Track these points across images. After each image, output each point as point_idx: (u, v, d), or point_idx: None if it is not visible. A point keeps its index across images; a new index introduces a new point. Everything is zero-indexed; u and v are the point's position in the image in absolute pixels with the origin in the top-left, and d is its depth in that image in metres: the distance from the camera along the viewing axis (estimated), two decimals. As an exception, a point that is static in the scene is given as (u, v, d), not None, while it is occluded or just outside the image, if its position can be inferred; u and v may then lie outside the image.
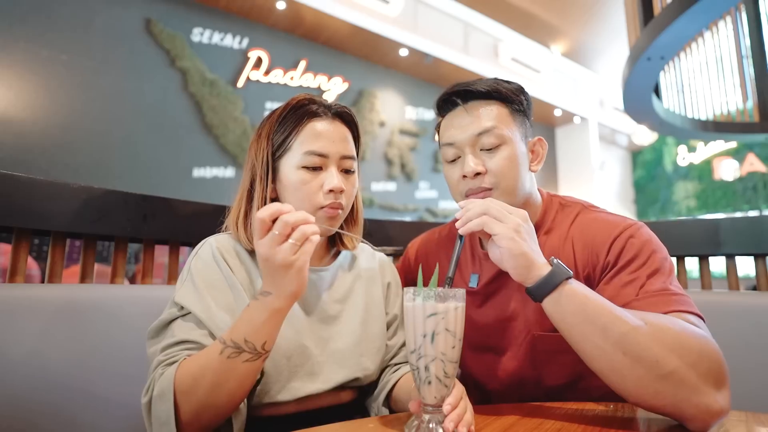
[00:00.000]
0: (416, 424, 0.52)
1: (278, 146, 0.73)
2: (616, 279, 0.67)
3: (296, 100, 0.74)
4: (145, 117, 4.36)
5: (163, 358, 0.61)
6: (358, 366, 0.74)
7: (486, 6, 6.80)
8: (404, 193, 6.37)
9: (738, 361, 0.98)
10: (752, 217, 1.17)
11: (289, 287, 0.56)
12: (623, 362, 0.53)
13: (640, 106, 5.13)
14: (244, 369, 0.57)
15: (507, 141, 0.75)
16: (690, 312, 0.60)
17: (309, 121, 0.72)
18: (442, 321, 0.50)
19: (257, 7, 4.96)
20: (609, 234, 0.71)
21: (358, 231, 0.83)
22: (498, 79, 0.79)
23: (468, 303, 0.81)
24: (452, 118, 0.79)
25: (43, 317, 0.78)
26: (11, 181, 0.86)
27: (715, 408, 0.52)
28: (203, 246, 0.72)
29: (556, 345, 0.68)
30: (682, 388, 0.52)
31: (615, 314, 0.55)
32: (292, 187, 0.71)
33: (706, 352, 0.54)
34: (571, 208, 0.80)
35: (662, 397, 0.52)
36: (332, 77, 5.71)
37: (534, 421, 0.58)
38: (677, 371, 0.51)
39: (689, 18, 3.77)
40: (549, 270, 0.59)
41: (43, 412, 0.75)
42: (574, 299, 0.57)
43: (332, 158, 0.72)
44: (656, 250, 0.68)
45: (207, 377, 0.57)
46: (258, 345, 0.57)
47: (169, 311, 0.67)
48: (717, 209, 8.94)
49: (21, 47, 3.77)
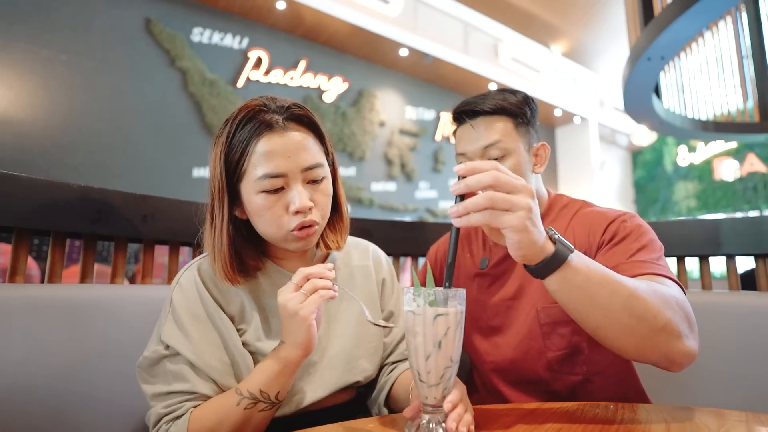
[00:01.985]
0: (416, 424, 0.52)
1: (233, 171, 0.66)
2: (610, 252, 0.74)
3: (242, 114, 0.66)
4: (145, 117, 4.36)
5: (164, 411, 0.61)
6: (357, 369, 0.74)
7: (486, 6, 6.80)
8: (404, 193, 6.37)
9: (738, 361, 0.98)
10: (752, 218, 1.17)
11: (297, 337, 0.59)
12: (629, 322, 0.58)
13: (640, 106, 5.13)
14: (260, 417, 0.61)
15: (511, 152, 0.83)
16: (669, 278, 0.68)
17: (258, 139, 0.64)
18: (443, 323, 0.50)
19: (257, 7, 4.96)
20: (604, 220, 0.79)
21: (345, 229, 0.79)
22: (505, 94, 0.86)
23: (478, 285, 0.91)
24: (463, 132, 0.88)
25: (43, 317, 0.78)
26: (11, 181, 0.86)
27: (692, 350, 0.60)
28: (183, 275, 0.70)
29: (557, 316, 0.79)
30: (672, 337, 0.59)
31: (616, 280, 0.59)
32: (256, 214, 0.66)
33: (683, 305, 0.62)
34: (573, 205, 0.88)
35: (658, 348, 0.59)
36: (332, 77, 5.71)
37: (534, 422, 0.58)
38: (669, 323, 0.58)
39: (689, 18, 3.77)
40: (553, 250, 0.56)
41: (43, 412, 0.75)
42: (579, 272, 0.57)
43: (292, 175, 0.65)
44: (646, 233, 0.76)
45: (224, 428, 0.59)
46: (272, 395, 0.60)
47: (155, 348, 0.65)
48: (717, 209, 8.94)
49: (21, 47, 3.77)
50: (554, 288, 0.58)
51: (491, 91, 0.89)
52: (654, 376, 0.97)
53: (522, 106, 0.85)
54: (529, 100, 0.88)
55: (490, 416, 0.61)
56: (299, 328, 0.58)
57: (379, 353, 0.78)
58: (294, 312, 0.58)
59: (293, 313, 0.58)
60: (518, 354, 0.84)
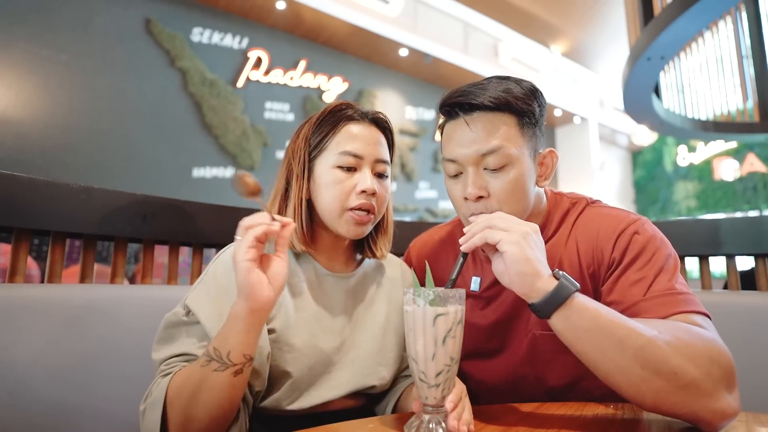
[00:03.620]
0: (416, 424, 0.52)
1: (315, 146, 0.74)
2: (623, 278, 0.66)
3: (334, 105, 0.76)
4: (145, 117, 4.36)
5: (164, 368, 0.62)
6: (375, 375, 0.74)
7: (486, 6, 6.80)
8: (404, 193, 6.37)
9: (738, 361, 0.97)
10: (752, 218, 1.17)
11: (239, 284, 0.55)
12: (642, 375, 0.52)
13: (640, 106, 5.14)
14: (214, 380, 0.56)
15: (514, 161, 0.68)
16: (697, 312, 0.60)
17: (346, 124, 0.74)
18: (443, 323, 0.50)
19: (257, 7, 4.95)
20: (613, 230, 0.69)
21: (388, 239, 0.82)
22: (509, 84, 0.69)
23: (469, 306, 0.80)
24: (454, 130, 0.70)
25: (43, 317, 0.78)
26: (11, 181, 0.86)
27: (729, 411, 0.53)
28: (227, 250, 0.71)
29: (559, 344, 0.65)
30: (699, 396, 0.52)
31: (629, 327, 0.53)
32: (325, 186, 0.72)
33: (718, 358, 0.54)
34: (576, 206, 0.78)
35: (681, 406, 0.53)
36: (332, 77, 5.71)
37: (534, 422, 0.58)
38: (695, 381, 0.51)
39: (689, 18, 3.77)
40: (555, 284, 0.54)
41: (43, 412, 0.75)
42: (585, 314, 0.54)
43: (367, 160, 0.72)
44: (660, 246, 0.67)
45: (187, 387, 0.57)
46: (223, 354, 0.56)
47: (175, 310, 0.66)
48: (717, 209, 8.94)
49: (21, 47, 3.76)
50: (559, 328, 0.55)
51: (490, 77, 0.71)
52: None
53: (529, 100, 0.69)
54: (537, 92, 0.71)
55: (490, 416, 0.61)
56: (239, 275, 0.55)
57: (398, 364, 0.79)
58: (234, 260, 0.55)
59: (234, 262, 0.55)
60: (514, 381, 0.77)
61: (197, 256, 1.10)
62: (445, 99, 0.72)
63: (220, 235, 1.09)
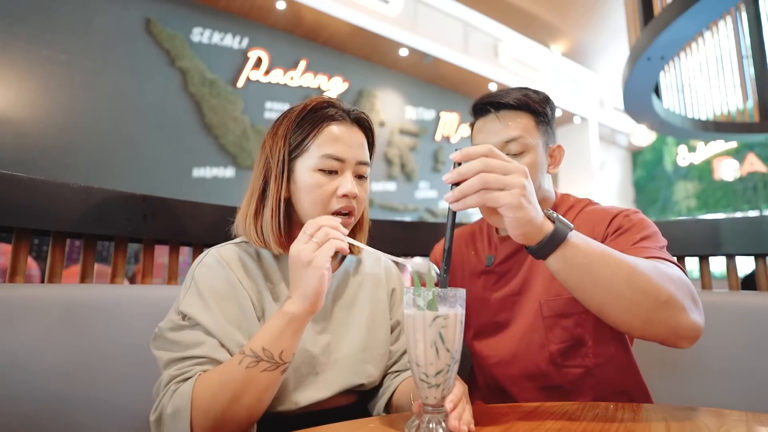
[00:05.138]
0: (416, 424, 0.52)
1: (295, 147, 0.72)
2: (614, 242, 0.76)
3: (315, 102, 0.74)
4: (145, 117, 4.36)
5: (176, 374, 0.59)
6: (362, 373, 0.74)
7: (486, 6, 6.80)
8: (404, 193, 6.37)
9: (738, 361, 0.98)
10: (752, 217, 1.17)
11: (308, 288, 0.57)
12: (633, 296, 0.59)
13: (640, 106, 5.13)
14: (262, 380, 0.57)
15: (530, 149, 0.84)
16: (671, 262, 0.70)
17: (328, 125, 0.72)
18: (443, 323, 0.50)
19: (257, 7, 4.96)
20: (608, 214, 0.82)
21: (364, 236, 0.82)
22: (527, 91, 0.87)
23: (483, 282, 0.92)
24: (484, 123, 0.88)
25: (43, 317, 0.78)
26: (11, 181, 0.86)
27: (699, 324, 0.62)
28: (207, 255, 0.71)
29: (560, 308, 0.81)
30: (677, 309, 0.60)
31: (617, 257, 0.60)
32: (306, 189, 0.71)
33: (683, 281, 0.64)
34: (578, 205, 0.90)
35: (664, 322, 0.61)
36: (332, 77, 5.71)
37: (534, 422, 0.58)
38: (673, 296, 0.60)
39: (689, 18, 3.77)
40: (552, 228, 0.58)
41: (43, 412, 0.75)
42: (580, 250, 0.59)
43: (349, 163, 0.72)
44: (650, 226, 0.78)
45: (226, 390, 0.55)
46: (276, 354, 0.57)
47: (172, 318, 0.65)
48: (717, 209, 8.94)
49: (21, 47, 3.77)
50: (556, 268, 0.59)
51: (511, 88, 0.89)
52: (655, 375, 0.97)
53: (544, 104, 0.87)
54: (550, 99, 0.90)
55: (490, 415, 0.61)
56: (311, 278, 0.56)
57: (385, 360, 0.79)
58: (307, 261, 0.56)
59: (306, 263, 0.56)
60: (521, 347, 0.85)
61: (197, 256, 1.10)
62: (478, 101, 0.89)
63: (220, 235, 1.09)
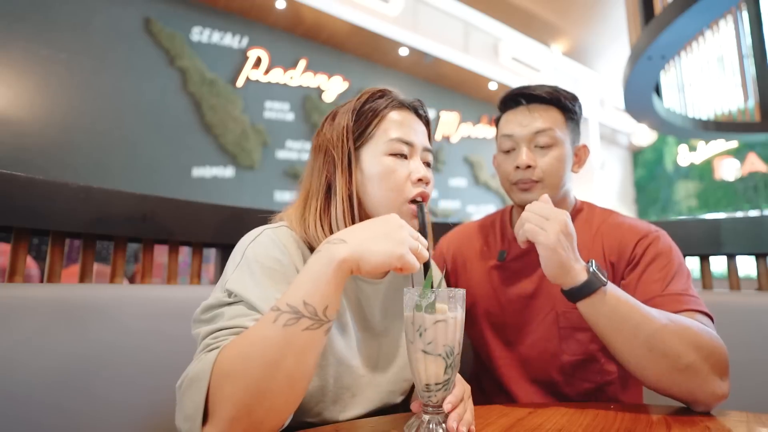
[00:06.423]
0: (416, 425, 0.52)
1: (358, 136, 0.68)
2: (645, 275, 0.76)
3: (372, 92, 0.71)
4: (145, 116, 4.36)
5: (210, 342, 0.52)
6: (399, 390, 0.69)
7: (486, 5, 6.80)
8: (404, 192, 6.36)
9: (738, 361, 0.97)
10: (753, 217, 1.17)
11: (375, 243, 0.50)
12: (649, 357, 0.62)
13: (640, 105, 5.13)
14: (303, 341, 0.46)
15: (558, 143, 0.84)
16: (703, 313, 0.70)
17: (391, 110, 0.69)
18: (443, 324, 0.50)
19: (257, 6, 4.95)
20: (636, 234, 0.81)
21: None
22: (558, 88, 0.88)
23: (494, 278, 0.91)
24: (514, 115, 0.87)
25: (42, 317, 0.78)
26: (11, 180, 0.86)
27: (719, 393, 0.62)
28: (261, 233, 0.63)
29: (577, 322, 0.79)
30: (696, 378, 0.61)
31: (643, 314, 0.63)
32: (377, 178, 0.66)
33: (716, 348, 0.63)
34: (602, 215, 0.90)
35: (679, 385, 0.62)
36: (332, 76, 5.71)
37: (534, 422, 0.58)
38: (693, 365, 0.61)
39: (690, 17, 3.76)
40: (585, 278, 0.64)
41: (43, 411, 0.75)
42: (607, 302, 0.63)
43: (416, 148, 0.69)
44: (677, 255, 0.79)
45: (259, 354, 0.45)
46: (319, 309, 0.47)
47: (217, 295, 0.58)
48: (718, 209, 8.94)
49: (20, 47, 3.76)
50: (584, 311, 0.65)
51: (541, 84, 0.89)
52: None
53: (573, 101, 0.88)
54: (578, 99, 0.90)
55: (490, 416, 0.61)
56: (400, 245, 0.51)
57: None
58: (399, 225, 0.53)
59: (398, 226, 0.53)
60: (532, 353, 0.84)
61: (197, 256, 1.10)
62: (508, 93, 0.89)
63: (220, 235, 1.09)
